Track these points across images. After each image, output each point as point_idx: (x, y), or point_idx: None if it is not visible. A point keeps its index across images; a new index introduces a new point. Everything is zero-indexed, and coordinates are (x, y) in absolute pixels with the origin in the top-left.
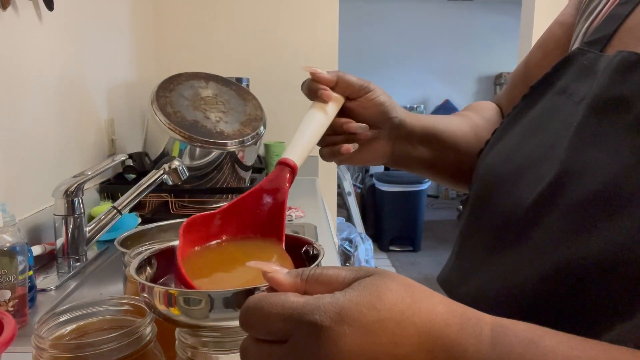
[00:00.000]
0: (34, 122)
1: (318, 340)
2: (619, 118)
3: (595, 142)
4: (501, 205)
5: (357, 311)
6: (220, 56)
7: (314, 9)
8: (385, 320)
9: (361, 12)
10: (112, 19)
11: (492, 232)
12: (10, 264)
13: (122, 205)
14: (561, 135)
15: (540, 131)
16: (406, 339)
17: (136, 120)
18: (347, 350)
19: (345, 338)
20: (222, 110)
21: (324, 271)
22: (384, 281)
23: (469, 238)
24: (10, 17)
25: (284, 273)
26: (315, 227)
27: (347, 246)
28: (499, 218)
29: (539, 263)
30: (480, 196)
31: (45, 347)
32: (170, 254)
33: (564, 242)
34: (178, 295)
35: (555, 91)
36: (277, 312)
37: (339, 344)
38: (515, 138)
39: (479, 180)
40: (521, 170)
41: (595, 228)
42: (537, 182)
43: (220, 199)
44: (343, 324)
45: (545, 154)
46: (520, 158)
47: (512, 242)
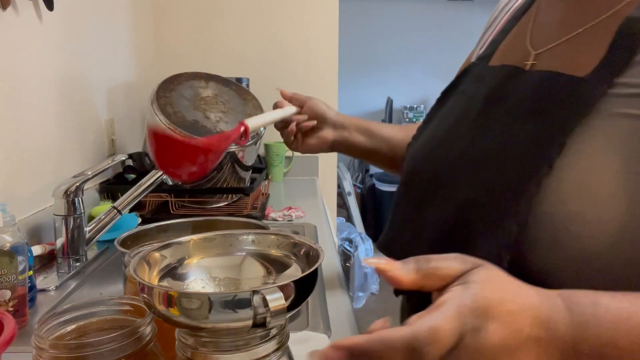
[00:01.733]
0: (34, 122)
1: (479, 341)
2: (501, 107)
3: (486, 122)
4: (425, 173)
5: (494, 307)
6: (220, 56)
7: (314, 8)
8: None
9: (361, 12)
10: (112, 19)
11: (416, 196)
12: (10, 264)
13: (122, 205)
14: (462, 124)
15: (447, 122)
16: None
17: (136, 120)
18: (497, 344)
19: (495, 333)
20: (222, 110)
21: (437, 264)
22: (495, 273)
23: (400, 206)
24: (10, 17)
25: (400, 270)
26: (315, 227)
27: (347, 246)
28: (424, 183)
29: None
30: (408, 175)
31: (45, 347)
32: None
33: (469, 184)
34: (178, 296)
35: (458, 93)
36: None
37: (492, 340)
38: (432, 129)
39: (408, 162)
40: (435, 152)
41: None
42: (448, 152)
43: (220, 199)
44: (489, 320)
45: (452, 135)
46: (434, 144)
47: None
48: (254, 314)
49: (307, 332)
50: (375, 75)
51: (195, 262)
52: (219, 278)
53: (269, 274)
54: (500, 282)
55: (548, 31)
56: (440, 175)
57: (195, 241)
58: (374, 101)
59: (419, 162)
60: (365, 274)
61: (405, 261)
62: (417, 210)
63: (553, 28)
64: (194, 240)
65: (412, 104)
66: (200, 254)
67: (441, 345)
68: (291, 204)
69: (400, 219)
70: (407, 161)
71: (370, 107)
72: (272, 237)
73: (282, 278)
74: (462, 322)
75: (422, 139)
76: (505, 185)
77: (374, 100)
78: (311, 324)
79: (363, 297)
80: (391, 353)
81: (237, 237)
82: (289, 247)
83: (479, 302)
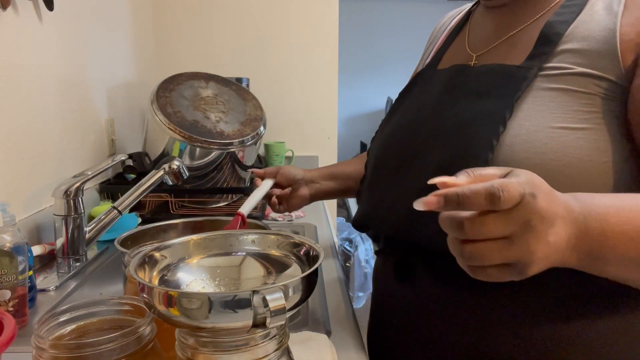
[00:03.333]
0: (34, 122)
1: (534, 204)
2: (456, 94)
3: (446, 107)
4: (394, 156)
5: (538, 185)
6: (220, 56)
7: (314, 9)
8: (547, 191)
9: (361, 12)
10: (112, 19)
11: (390, 172)
12: (10, 264)
13: (122, 205)
14: (424, 113)
15: (410, 113)
16: (557, 201)
17: (136, 120)
18: (545, 209)
19: (543, 201)
20: (222, 110)
21: (483, 171)
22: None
23: (372, 184)
24: (10, 17)
25: (457, 179)
26: (315, 227)
27: (347, 246)
28: (395, 163)
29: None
30: (378, 160)
31: (45, 347)
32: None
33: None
34: (178, 296)
35: (415, 92)
36: (518, 186)
37: (542, 205)
38: (395, 121)
39: (375, 149)
40: (403, 135)
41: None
42: (416, 132)
43: (220, 199)
44: (539, 192)
45: (416, 122)
46: (401, 131)
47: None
48: (254, 314)
49: (307, 332)
50: (375, 75)
51: (195, 262)
52: (219, 278)
53: (269, 274)
54: (536, 175)
55: (484, 38)
56: (412, 150)
57: (195, 241)
58: (374, 101)
59: (388, 146)
60: (365, 274)
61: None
62: (390, 185)
63: (488, 35)
64: (194, 240)
65: None
66: (200, 254)
67: (510, 195)
68: None
69: (373, 197)
70: (373, 149)
71: (370, 107)
72: (272, 237)
73: (282, 278)
74: (522, 186)
75: (387, 130)
76: (475, 144)
77: (374, 100)
78: (311, 324)
79: (363, 297)
80: (477, 196)
81: (237, 237)
82: (289, 247)
83: (531, 179)
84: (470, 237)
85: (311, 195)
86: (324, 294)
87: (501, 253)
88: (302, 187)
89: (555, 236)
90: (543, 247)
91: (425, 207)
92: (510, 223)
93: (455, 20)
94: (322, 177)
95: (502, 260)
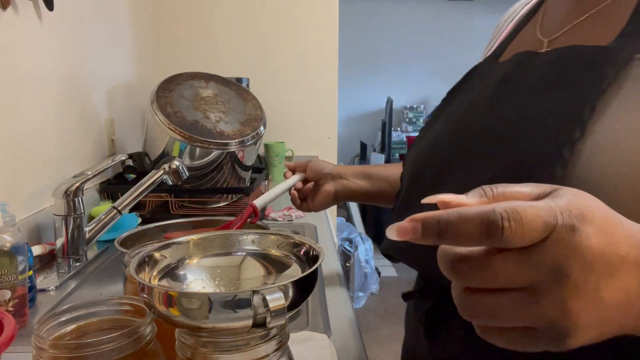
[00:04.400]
0: (34, 122)
1: (574, 241)
2: (517, 85)
3: (503, 102)
4: (435, 167)
5: (591, 212)
6: (220, 56)
7: (314, 9)
8: (611, 217)
9: (361, 12)
10: (112, 19)
11: (430, 185)
12: (10, 264)
13: (122, 205)
14: (474, 111)
15: (456, 116)
16: (622, 238)
17: (136, 120)
18: (595, 249)
19: (593, 237)
20: (222, 110)
21: (507, 188)
22: (582, 191)
23: (408, 201)
24: (10, 17)
25: (465, 197)
26: (315, 227)
27: (347, 246)
28: (435, 175)
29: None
30: (415, 172)
31: (45, 347)
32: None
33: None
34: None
35: (466, 90)
36: (538, 214)
37: (590, 243)
38: (439, 127)
39: (412, 161)
40: (447, 141)
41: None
42: (463, 138)
43: (220, 199)
44: (587, 223)
45: (464, 123)
46: (444, 137)
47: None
48: (254, 314)
49: (307, 332)
50: (375, 75)
51: (195, 262)
52: (219, 278)
53: (269, 274)
54: (591, 197)
55: (559, 20)
56: (455, 161)
57: (195, 241)
58: (374, 101)
59: (427, 156)
60: (365, 274)
61: (471, 191)
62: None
63: (563, 16)
64: (194, 240)
65: (412, 104)
66: (200, 254)
67: (523, 226)
68: (291, 204)
69: (406, 214)
70: (410, 160)
71: (370, 107)
72: (272, 237)
73: (282, 278)
74: (552, 214)
75: (427, 136)
76: (536, 156)
77: (374, 100)
78: (311, 324)
79: (363, 297)
80: (467, 225)
81: (237, 237)
82: (289, 247)
83: (578, 204)
84: (470, 285)
85: (337, 192)
86: (324, 294)
87: (518, 311)
88: (328, 182)
89: (617, 292)
90: (591, 308)
91: (399, 235)
92: (529, 268)
93: (527, 7)
94: (353, 174)
95: (521, 321)
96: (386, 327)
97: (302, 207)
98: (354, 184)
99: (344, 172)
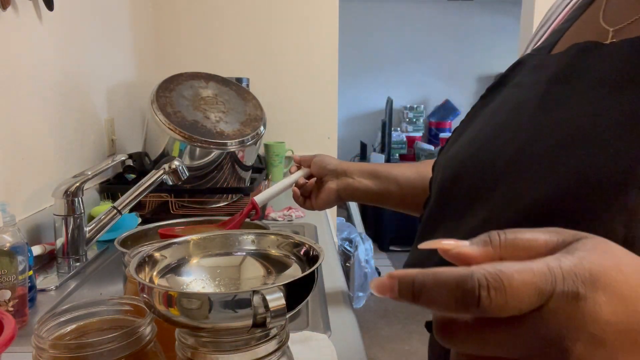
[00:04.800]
0: (34, 122)
1: (577, 312)
2: (579, 82)
3: (560, 103)
4: (468, 179)
5: (606, 274)
6: (220, 56)
7: (314, 9)
8: (636, 285)
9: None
10: (112, 19)
11: (459, 204)
12: (10, 264)
13: (122, 205)
14: (522, 112)
15: (498, 116)
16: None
17: (136, 120)
18: (606, 321)
19: (604, 307)
20: (222, 110)
21: (518, 235)
22: (608, 243)
23: (436, 218)
24: (10, 17)
25: (468, 245)
26: (315, 227)
27: (347, 246)
28: (468, 190)
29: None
30: (445, 182)
31: (45, 347)
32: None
33: (541, 180)
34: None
35: (511, 86)
36: (530, 281)
37: (599, 314)
38: (475, 130)
39: (443, 170)
40: (485, 148)
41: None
42: (505, 146)
43: (220, 198)
44: (598, 290)
45: (508, 127)
46: (482, 141)
47: (484, 199)
48: (254, 314)
49: (307, 332)
50: (375, 75)
51: (195, 262)
52: (218, 278)
53: (269, 274)
54: (618, 253)
55: (627, 6)
56: (497, 172)
57: (195, 241)
58: (374, 101)
59: (462, 163)
60: (365, 274)
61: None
62: (459, 222)
63: (634, 1)
64: (194, 240)
65: (412, 104)
66: (200, 254)
67: (506, 298)
68: (291, 204)
69: (434, 233)
70: (440, 168)
71: (370, 107)
72: (272, 237)
73: (282, 278)
74: (550, 279)
75: (462, 141)
76: (603, 174)
77: (374, 100)
78: (311, 324)
79: (363, 297)
80: (441, 289)
81: (237, 237)
82: (289, 247)
83: (586, 264)
84: (459, 351)
85: (339, 191)
86: (324, 294)
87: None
88: (331, 179)
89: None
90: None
91: (377, 291)
92: (522, 341)
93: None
94: (359, 172)
95: None
96: (386, 327)
97: (305, 204)
98: (358, 183)
99: (350, 170)
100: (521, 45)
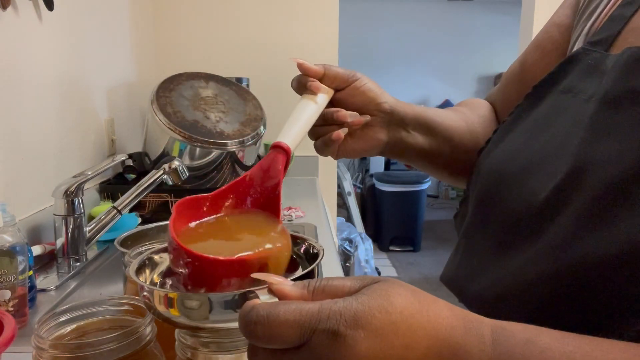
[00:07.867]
0: (34, 122)
1: (335, 346)
2: (632, 111)
3: (609, 135)
4: (510, 203)
5: (370, 315)
6: (220, 56)
7: (314, 9)
8: (397, 323)
9: (361, 12)
10: (112, 19)
11: (501, 230)
12: (10, 264)
13: (122, 205)
14: (571, 132)
15: (547, 129)
16: (416, 343)
17: (136, 120)
18: (363, 355)
19: (361, 343)
20: (222, 110)
21: (330, 282)
22: (392, 286)
23: (475, 237)
24: (10, 17)
25: (290, 285)
26: (315, 227)
27: (347, 246)
28: (509, 215)
29: (553, 259)
30: (485, 194)
31: (45, 347)
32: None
33: (580, 237)
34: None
35: (560, 90)
36: (294, 320)
37: (355, 349)
38: (520, 136)
39: (483, 178)
40: (530, 167)
41: (614, 221)
42: (548, 178)
43: None
44: (358, 328)
45: (555, 151)
46: (528, 156)
47: (524, 239)
48: None
49: None
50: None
51: None
52: None
53: None
54: (392, 294)
55: None
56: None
57: None
58: None
59: (501, 182)
60: (365, 274)
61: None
62: (502, 249)
63: None
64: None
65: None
66: None
67: (271, 332)
68: (291, 204)
69: (474, 254)
70: (481, 176)
71: None
72: None
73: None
74: (314, 319)
75: (506, 147)
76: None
77: None
78: None
79: None
80: (239, 318)
81: None
82: None
83: (353, 307)
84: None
85: (389, 145)
86: None
87: None
88: (380, 124)
89: None
90: None
91: None
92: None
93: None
94: (415, 123)
95: None
96: None
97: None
98: (412, 139)
99: (407, 118)
100: (521, 45)
